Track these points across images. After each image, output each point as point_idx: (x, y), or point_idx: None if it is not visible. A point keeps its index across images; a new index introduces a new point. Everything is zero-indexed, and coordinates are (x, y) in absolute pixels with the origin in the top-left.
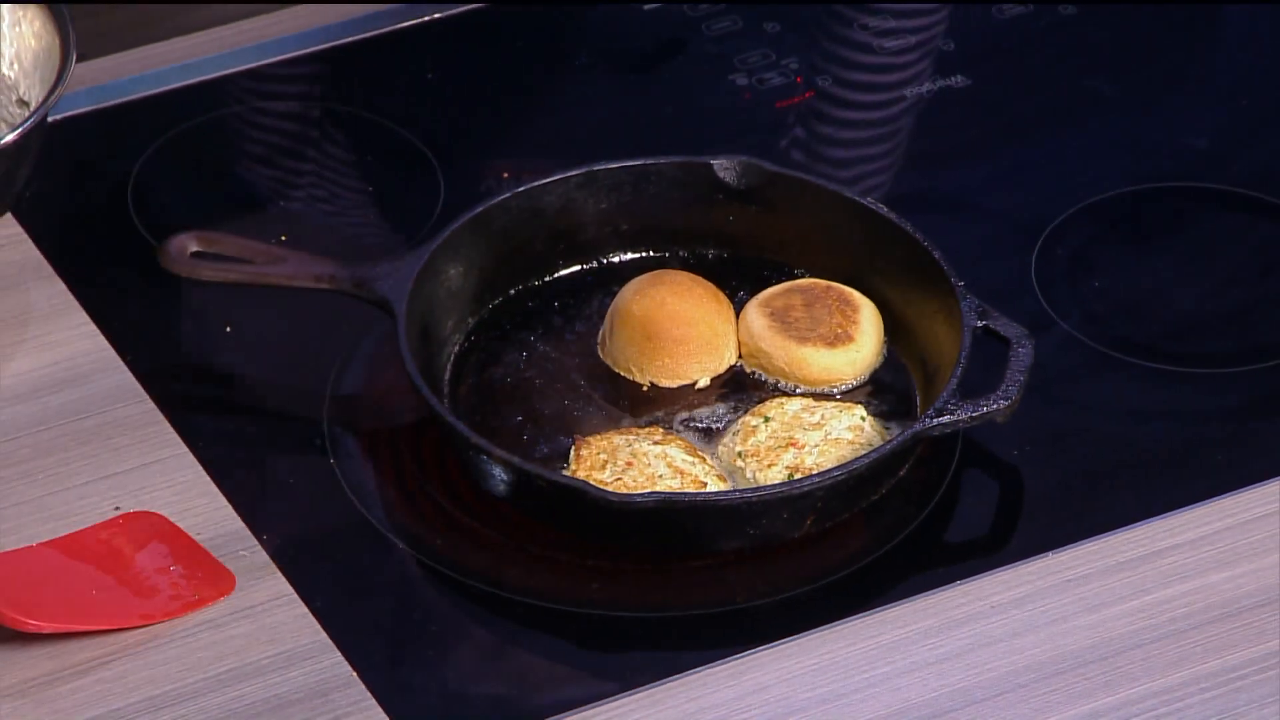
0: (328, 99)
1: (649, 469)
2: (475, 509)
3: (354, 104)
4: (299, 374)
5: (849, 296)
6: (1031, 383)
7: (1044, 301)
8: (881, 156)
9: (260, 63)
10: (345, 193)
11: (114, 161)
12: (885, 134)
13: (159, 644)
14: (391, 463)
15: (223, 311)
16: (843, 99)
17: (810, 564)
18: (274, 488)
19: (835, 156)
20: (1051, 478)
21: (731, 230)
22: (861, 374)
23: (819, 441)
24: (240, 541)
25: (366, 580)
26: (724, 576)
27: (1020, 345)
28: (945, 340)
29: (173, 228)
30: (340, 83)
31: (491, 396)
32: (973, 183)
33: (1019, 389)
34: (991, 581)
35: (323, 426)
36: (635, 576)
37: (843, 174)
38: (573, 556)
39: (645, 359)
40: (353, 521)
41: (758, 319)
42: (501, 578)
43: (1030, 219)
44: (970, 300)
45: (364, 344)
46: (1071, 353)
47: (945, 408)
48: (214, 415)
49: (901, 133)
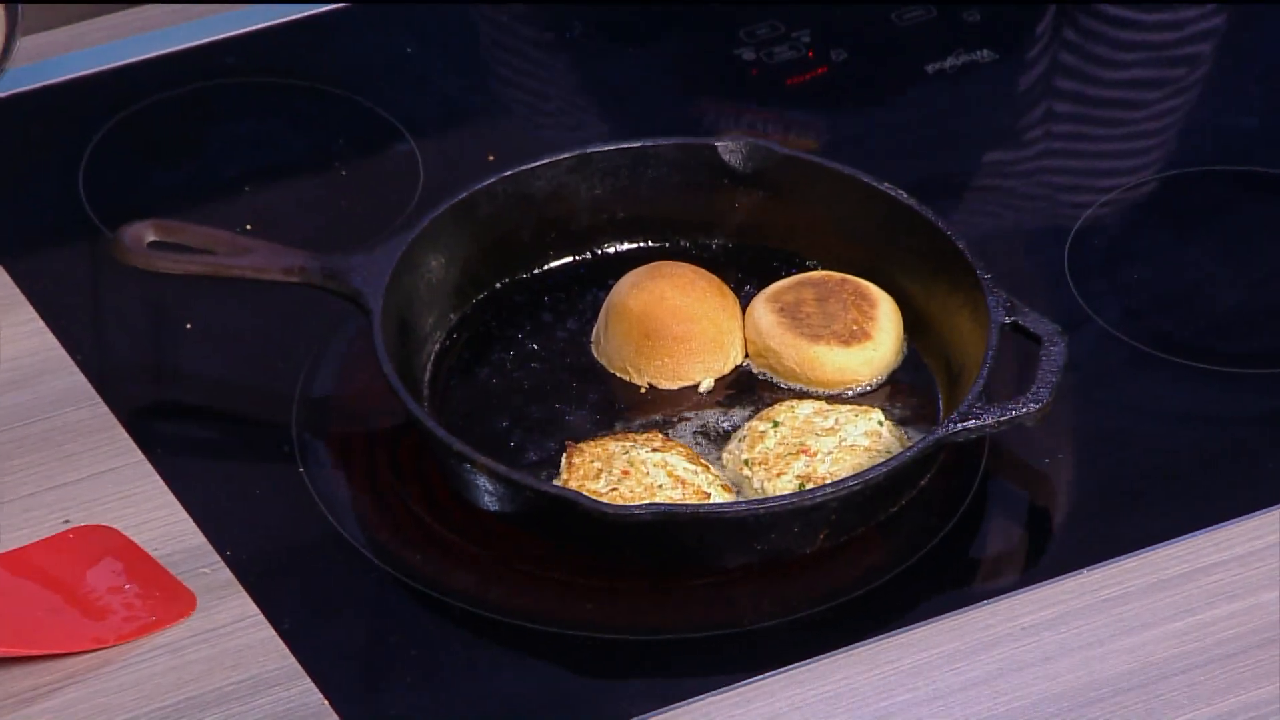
0: (297, 74)
1: (647, 478)
2: (457, 522)
3: (326, 80)
4: (266, 375)
5: (866, 290)
6: (1064, 384)
7: (1078, 295)
8: (901, 138)
9: (224, 35)
10: (316, 177)
11: (64, 143)
12: (905, 114)
13: (111, 670)
14: (366, 471)
15: (183, 307)
16: (859, 75)
17: (823, 582)
18: (238, 499)
19: (851, 138)
20: (1086, 487)
21: (737, 218)
22: (879, 375)
23: (833, 448)
24: (201, 558)
25: (339, 600)
26: (729, 596)
27: (1052, 343)
28: (970, 338)
29: (128, 215)
30: (311, 56)
31: (475, 399)
32: (1000, 167)
33: (1051, 391)
34: (1021, 601)
35: (291, 432)
36: (632, 596)
37: (858, 156)
38: (564, 574)
39: (643, 359)
40: (324, 535)
41: (766, 315)
42: (486, 597)
43: (1063, 206)
44: (998, 294)
45: (336, 342)
46: (1108, 351)
47: (970, 412)
48: (173, 420)
49: (923, 112)
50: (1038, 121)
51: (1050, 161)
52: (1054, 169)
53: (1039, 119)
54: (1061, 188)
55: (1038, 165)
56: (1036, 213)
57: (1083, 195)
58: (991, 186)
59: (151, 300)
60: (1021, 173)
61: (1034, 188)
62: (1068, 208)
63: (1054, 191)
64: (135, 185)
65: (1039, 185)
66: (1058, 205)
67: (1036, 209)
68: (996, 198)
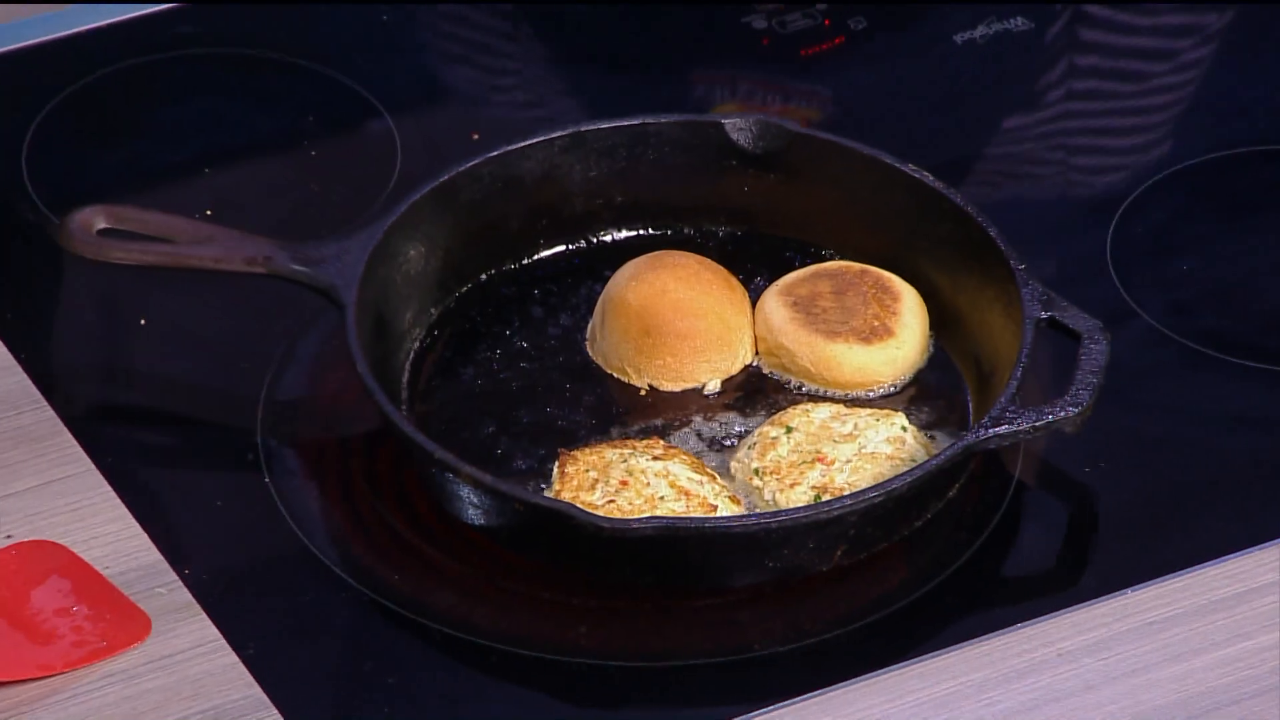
0: (262, 45)
1: (647, 489)
2: (439, 537)
3: (293, 51)
4: (228, 375)
5: (888, 282)
6: (1106, 385)
7: (1121, 288)
8: (927, 115)
9: (181, 1)
10: (283, 158)
11: (4, 121)
12: (931, 88)
13: (59, 700)
14: (339, 482)
15: (136, 301)
16: (880, 45)
17: (841, 603)
18: (198, 512)
19: (871, 115)
20: (1130, 499)
21: (746, 203)
22: (903, 375)
23: (851, 456)
24: (157, 576)
25: (309, 623)
26: (737, 618)
27: (1093, 340)
28: (1003, 335)
29: (76, 201)
30: (276, 24)
31: (458, 402)
32: (1036, 147)
33: (1091, 393)
34: (1058, 624)
35: (257, 438)
36: (631, 618)
37: (880, 135)
38: (556, 594)
39: (643, 358)
40: (292, 552)
41: (778, 310)
42: (470, 620)
43: (1104, 190)
44: (1033, 287)
45: (306, 340)
46: (1154, 349)
47: (1003, 416)
48: (126, 425)
49: (951, 86)
50: (1077, 96)
51: (1091, 140)
52: (1095, 149)
53: (1078, 94)
54: (1103, 170)
55: (1077, 145)
56: (1076, 197)
57: (1127, 178)
58: (1026, 168)
59: (102, 294)
60: (1059, 153)
61: (1073, 170)
62: (1110, 191)
63: (1095, 174)
64: (84, 167)
65: (1078, 167)
66: (1099, 189)
67: (1076, 193)
68: (1032, 180)
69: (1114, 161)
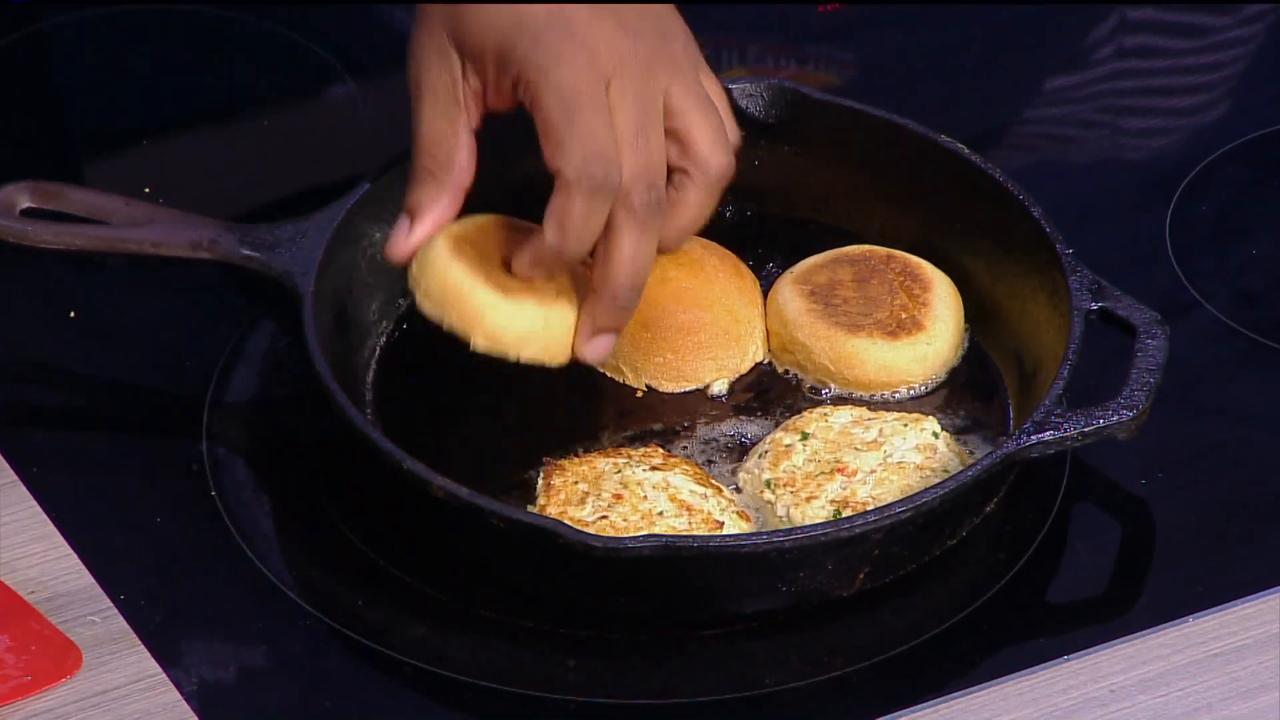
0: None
1: (644, 504)
2: (408, 559)
3: (247, 7)
4: (170, 375)
5: (917, 269)
6: (1165, 385)
7: (1181, 274)
8: (960, 80)
9: None
10: (232, 127)
11: None
12: (964, 50)
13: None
14: (294, 495)
15: (66, 290)
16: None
17: (864, 634)
18: (135, 530)
19: (897, 79)
20: (1192, 515)
21: (757, 179)
22: (934, 375)
23: (876, 466)
24: (89, 603)
25: (261, 655)
26: (747, 650)
27: (1149, 335)
28: (1047, 328)
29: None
30: None
31: (430, 405)
32: (1081, 114)
33: (1148, 394)
34: (1110, 657)
35: (201, 446)
36: (626, 651)
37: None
38: (541, 624)
39: (640, 354)
40: (241, 575)
41: (793, 300)
42: (444, 653)
43: (1163, 164)
44: (1082, 274)
45: (257, 334)
46: (1218, 344)
47: (1047, 420)
48: (53, 431)
49: (985, 47)
50: (1127, 55)
51: (1144, 108)
52: (1149, 118)
53: (1128, 52)
54: (1160, 141)
55: (1128, 110)
56: (1129, 173)
57: (1187, 150)
58: (1071, 138)
59: (26, 282)
60: (1108, 122)
61: (1126, 141)
62: (1170, 166)
63: (1151, 146)
64: (4, 139)
65: (1132, 138)
66: (1155, 163)
67: (1129, 168)
68: (1078, 153)
69: (1172, 133)
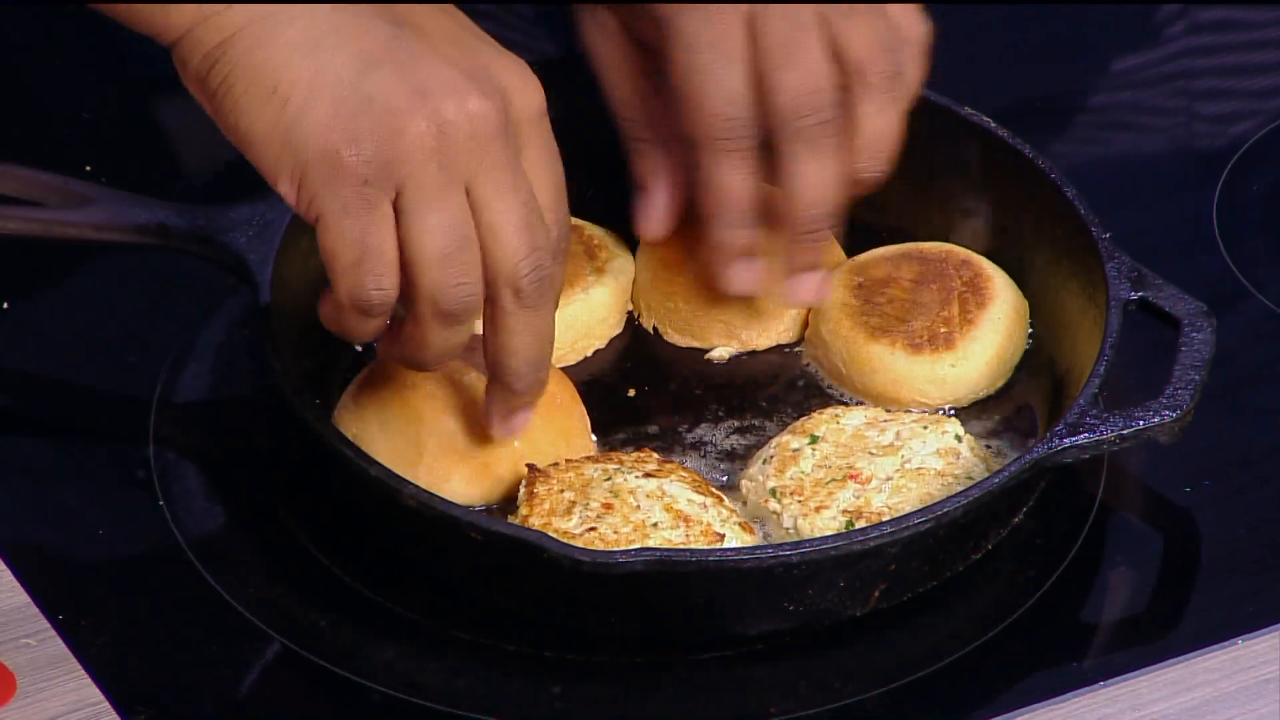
0: None
1: (637, 514)
2: (377, 576)
3: None
4: (114, 373)
5: (984, 281)
6: (1211, 384)
7: (1230, 262)
8: (986, 47)
9: None
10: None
11: None
12: (989, 13)
13: None
14: (250, 506)
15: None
16: None
17: (879, 658)
18: (75, 542)
19: None
20: (1240, 527)
21: None
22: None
23: (892, 473)
24: (24, 624)
25: (215, 681)
26: (750, 676)
27: (1195, 328)
28: (1082, 321)
29: None
30: None
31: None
32: (1122, 84)
33: (1192, 393)
34: (1151, 683)
35: (148, 451)
36: (617, 676)
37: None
38: (523, 647)
39: (657, 294)
40: (193, 594)
41: (837, 289)
42: (418, 678)
43: (1209, 141)
44: (1120, 261)
45: (209, 328)
46: (1270, 339)
47: (1082, 422)
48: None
49: (1014, 11)
50: (1173, 19)
51: (1191, 65)
52: (1195, 85)
53: (1174, 15)
54: (1205, 117)
55: (1174, 75)
56: (1173, 147)
57: (1237, 124)
58: (1109, 111)
59: None
60: (1151, 91)
61: (1168, 113)
62: (1216, 140)
63: (1196, 118)
64: None
65: (1175, 109)
66: (1201, 137)
67: (1172, 143)
68: (1117, 127)
69: (1220, 106)
